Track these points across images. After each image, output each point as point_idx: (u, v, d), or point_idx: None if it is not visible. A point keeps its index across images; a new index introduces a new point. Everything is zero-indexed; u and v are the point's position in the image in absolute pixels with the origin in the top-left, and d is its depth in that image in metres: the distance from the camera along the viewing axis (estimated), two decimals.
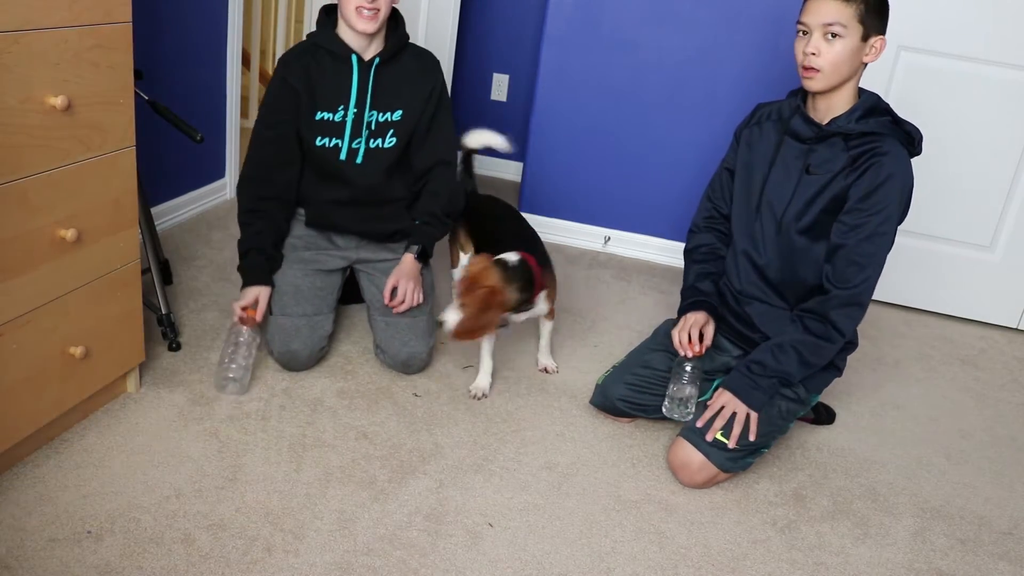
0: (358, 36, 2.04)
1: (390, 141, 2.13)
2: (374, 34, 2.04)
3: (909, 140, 1.84)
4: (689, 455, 1.86)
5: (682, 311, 2.04)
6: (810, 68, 1.79)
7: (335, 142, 2.10)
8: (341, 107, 2.08)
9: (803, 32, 1.81)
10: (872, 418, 2.30)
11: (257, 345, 2.04)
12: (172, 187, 2.92)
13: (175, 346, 2.14)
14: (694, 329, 1.95)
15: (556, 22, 3.09)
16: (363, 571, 1.53)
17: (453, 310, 1.94)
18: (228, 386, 1.99)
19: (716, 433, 1.85)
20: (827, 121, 1.85)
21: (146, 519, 1.58)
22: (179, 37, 2.77)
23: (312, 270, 2.15)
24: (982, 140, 2.81)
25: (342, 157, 2.10)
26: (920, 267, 2.97)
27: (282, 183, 2.12)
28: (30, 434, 1.64)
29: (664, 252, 3.23)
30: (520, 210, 3.34)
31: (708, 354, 2.09)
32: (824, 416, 2.22)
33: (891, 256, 1.87)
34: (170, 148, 2.77)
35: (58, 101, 1.49)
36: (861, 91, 1.87)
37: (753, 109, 2.06)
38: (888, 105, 1.86)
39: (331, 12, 2.09)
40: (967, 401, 2.48)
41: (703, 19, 2.99)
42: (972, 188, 2.87)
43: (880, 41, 1.80)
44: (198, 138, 2.13)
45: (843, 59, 1.77)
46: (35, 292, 1.56)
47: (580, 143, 3.21)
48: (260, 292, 2.06)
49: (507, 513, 1.73)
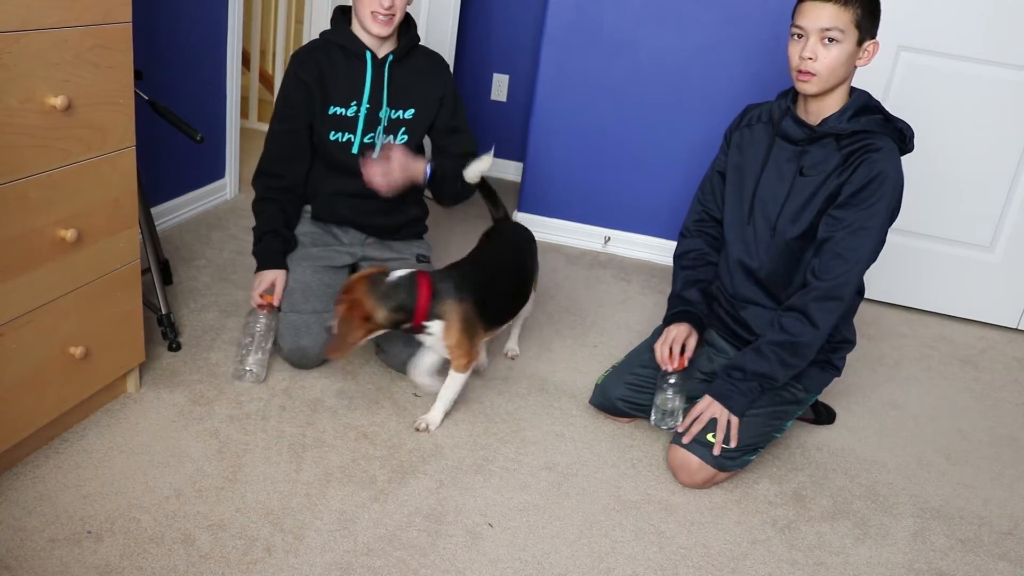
0: (372, 37, 2.08)
1: (402, 139, 2.16)
2: (388, 36, 2.09)
3: (901, 137, 1.84)
4: (687, 456, 1.87)
5: (667, 320, 2.03)
6: (806, 72, 1.78)
7: (347, 136, 2.13)
8: (354, 103, 2.11)
9: (798, 35, 1.80)
10: (872, 418, 2.30)
11: (274, 333, 2.07)
12: (172, 187, 2.92)
13: (175, 346, 2.14)
14: (676, 343, 1.95)
15: (556, 22, 3.09)
16: (363, 571, 1.53)
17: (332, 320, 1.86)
18: (246, 376, 2.04)
19: (692, 437, 1.86)
20: (818, 122, 1.85)
21: (146, 519, 1.58)
22: (179, 37, 2.77)
23: (321, 267, 2.17)
24: (982, 140, 2.81)
25: (354, 151, 2.13)
26: (920, 267, 2.97)
27: (294, 176, 2.17)
28: (30, 434, 1.64)
29: (664, 252, 3.23)
30: (520, 210, 3.35)
31: (707, 356, 2.10)
32: (824, 416, 2.22)
33: (892, 256, 1.87)
34: (170, 148, 2.77)
35: (58, 101, 1.49)
36: (852, 89, 1.86)
37: (743, 110, 2.05)
38: (878, 103, 1.86)
39: (346, 11, 2.14)
40: (967, 401, 2.48)
41: (703, 19, 2.99)
42: (972, 188, 2.87)
43: (873, 45, 1.80)
44: (198, 138, 2.14)
45: (839, 64, 1.77)
46: (35, 292, 1.56)
47: (580, 143, 3.21)
48: (276, 276, 2.09)
49: (507, 513, 1.73)
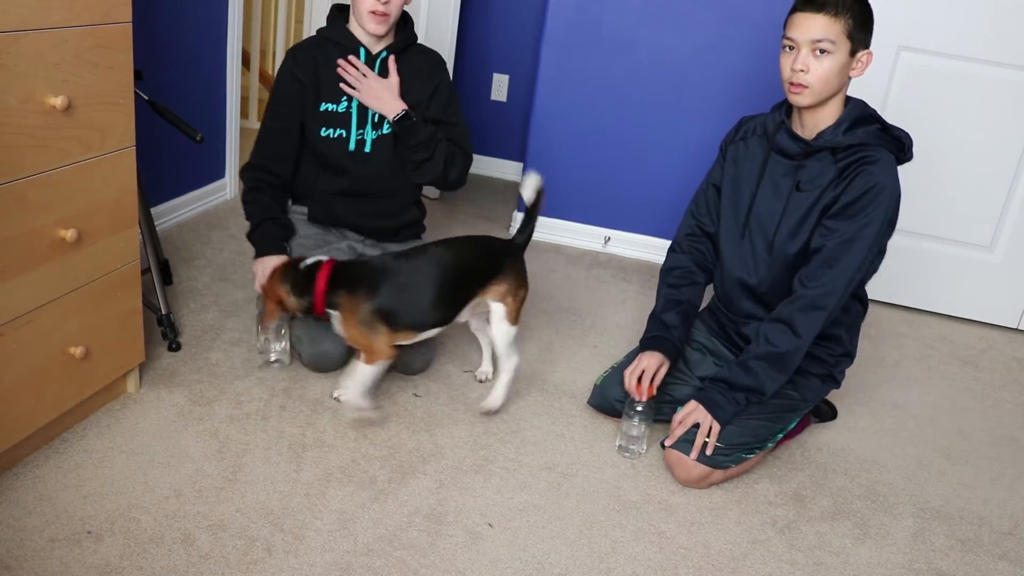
0: (368, 35, 2.09)
1: (389, 128, 2.14)
2: (384, 35, 2.09)
3: (899, 146, 1.82)
4: (680, 453, 1.87)
5: (643, 343, 2.02)
6: (798, 84, 1.77)
7: (339, 132, 2.12)
8: (345, 98, 2.11)
9: (789, 47, 1.79)
10: (872, 418, 2.30)
11: (288, 319, 2.09)
12: (172, 187, 2.92)
13: (175, 346, 2.14)
14: (646, 376, 1.93)
15: (556, 22, 3.09)
16: (363, 571, 1.53)
17: None
18: (274, 365, 2.12)
19: (675, 440, 1.86)
20: (814, 135, 1.84)
21: (146, 519, 1.58)
22: (179, 37, 2.77)
23: None
24: (982, 140, 2.81)
25: (351, 148, 2.13)
26: (920, 267, 2.97)
27: (284, 172, 2.19)
28: (30, 434, 1.64)
29: (664, 252, 3.20)
30: (520, 210, 3.34)
31: (707, 363, 2.10)
32: (827, 412, 2.22)
33: (892, 256, 1.87)
34: (170, 148, 2.77)
35: (58, 101, 1.49)
36: (847, 99, 1.85)
37: (737, 123, 2.04)
38: (874, 111, 1.85)
39: (343, 10, 2.15)
40: (967, 401, 2.48)
41: (703, 19, 2.99)
42: (972, 188, 2.87)
43: (867, 55, 1.79)
44: (198, 138, 2.14)
45: (832, 75, 1.76)
46: (35, 292, 1.56)
47: (580, 143, 3.21)
48: (278, 261, 2.07)
49: (507, 513, 1.73)
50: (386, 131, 2.14)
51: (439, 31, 3.42)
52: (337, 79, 2.10)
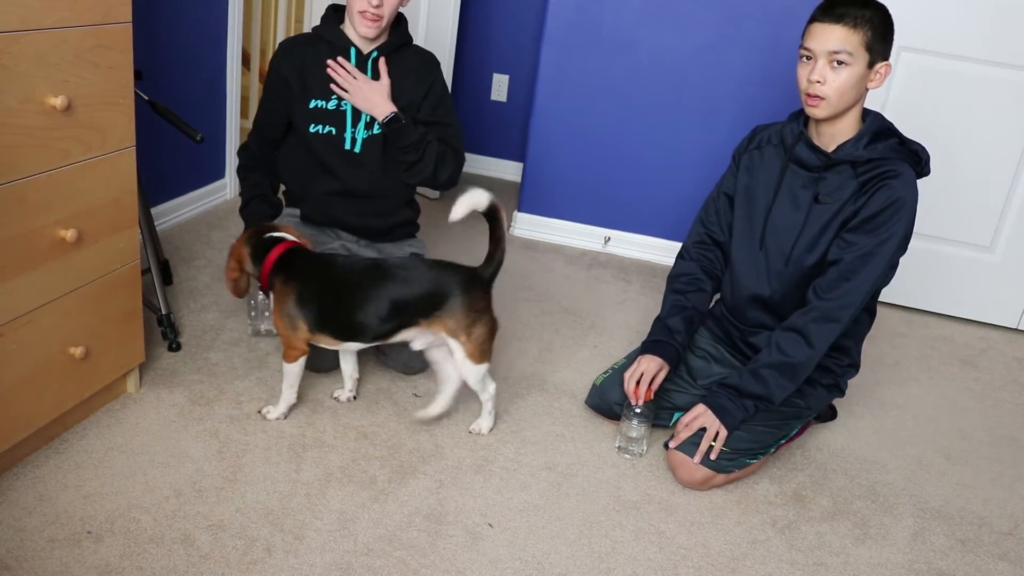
0: (361, 36, 2.10)
1: (380, 129, 2.14)
2: (376, 37, 2.10)
3: (917, 161, 1.82)
4: (684, 454, 1.87)
5: (644, 347, 2.02)
6: (815, 96, 1.75)
7: (328, 129, 2.13)
8: (335, 96, 2.12)
9: (807, 58, 1.77)
10: (872, 418, 2.30)
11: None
12: (172, 187, 2.92)
13: (175, 346, 2.14)
14: (644, 379, 1.93)
15: (556, 22, 3.09)
16: (363, 571, 1.53)
17: None
18: (263, 335, 2.25)
19: (680, 443, 1.86)
20: (833, 148, 1.82)
21: (146, 519, 1.58)
22: (179, 37, 2.77)
23: None
24: (982, 140, 2.81)
25: (347, 147, 2.14)
26: (920, 267, 2.97)
27: (273, 157, 2.27)
28: (30, 434, 1.64)
29: (664, 252, 3.23)
30: (520, 210, 3.35)
31: (711, 370, 2.09)
32: (827, 413, 2.22)
33: None
34: (170, 148, 2.77)
35: (58, 101, 1.49)
36: (865, 112, 1.84)
37: (751, 132, 2.02)
38: (892, 125, 1.83)
39: (339, 10, 2.16)
40: (967, 401, 2.48)
41: (703, 19, 2.99)
42: (972, 188, 2.87)
43: (885, 67, 1.77)
44: (198, 138, 2.14)
45: (849, 87, 1.74)
46: (35, 292, 1.56)
47: (580, 143, 3.21)
48: None
49: (507, 513, 1.73)
50: (376, 132, 2.14)
51: (439, 31, 3.41)
52: (327, 77, 2.11)
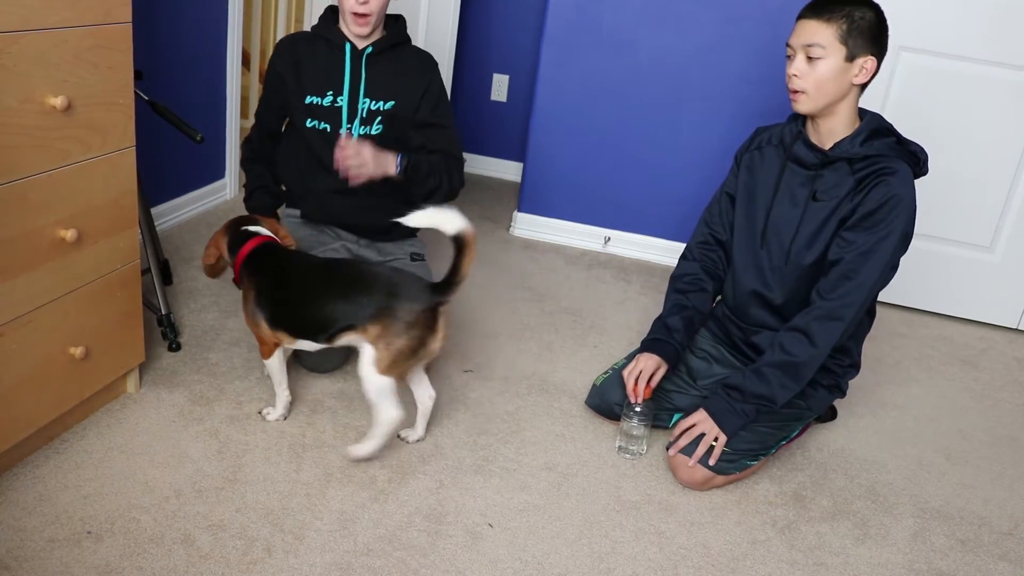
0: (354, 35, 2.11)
1: (377, 128, 2.14)
2: (369, 35, 2.11)
3: (915, 160, 1.82)
4: (684, 455, 1.87)
5: (643, 345, 2.02)
6: (794, 90, 1.79)
7: (324, 126, 2.13)
8: (330, 92, 2.12)
9: (789, 55, 1.82)
10: (872, 418, 2.30)
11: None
12: (172, 187, 2.92)
13: (175, 346, 2.14)
14: (643, 377, 1.94)
15: (556, 22, 3.09)
16: (363, 571, 1.53)
17: None
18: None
19: (679, 450, 1.86)
20: (830, 146, 1.84)
21: (146, 519, 1.58)
22: (179, 37, 2.77)
23: None
24: (982, 140, 2.81)
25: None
26: (920, 267, 2.97)
27: (274, 151, 2.29)
28: (30, 434, 1.64)
29: (664, 252, 3.23)
30: (520, 210, 3.35)
31: (711, 371, 2.09)
32: (826, 413, 2.22)
33: None
34: (170, 148, 2.77)
35: (58, 101, 1.49)
36: (863, 112, 1.85)
37: (753, 133, 2.04)
38: (891, 125, 1.84)
39: (335, 10, 2.16)
40: (967, 401, 2.48)
41: (703, 19, 2.99)
42: (972, 188, 2.87)
43: (869, 62, 1.77)
44: (198, 138, 2.14)
45: (826, 80, 1.76)
46: (35, 292, 1.56)
47: (580, 143, 3.21)
48: None
49: (507, 513, 1.73)
50: (374, 131, 2.14)
51: (439, 31, 3.42)
52: (323, 74, 2.12)
